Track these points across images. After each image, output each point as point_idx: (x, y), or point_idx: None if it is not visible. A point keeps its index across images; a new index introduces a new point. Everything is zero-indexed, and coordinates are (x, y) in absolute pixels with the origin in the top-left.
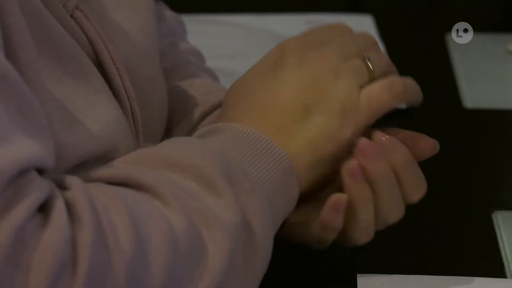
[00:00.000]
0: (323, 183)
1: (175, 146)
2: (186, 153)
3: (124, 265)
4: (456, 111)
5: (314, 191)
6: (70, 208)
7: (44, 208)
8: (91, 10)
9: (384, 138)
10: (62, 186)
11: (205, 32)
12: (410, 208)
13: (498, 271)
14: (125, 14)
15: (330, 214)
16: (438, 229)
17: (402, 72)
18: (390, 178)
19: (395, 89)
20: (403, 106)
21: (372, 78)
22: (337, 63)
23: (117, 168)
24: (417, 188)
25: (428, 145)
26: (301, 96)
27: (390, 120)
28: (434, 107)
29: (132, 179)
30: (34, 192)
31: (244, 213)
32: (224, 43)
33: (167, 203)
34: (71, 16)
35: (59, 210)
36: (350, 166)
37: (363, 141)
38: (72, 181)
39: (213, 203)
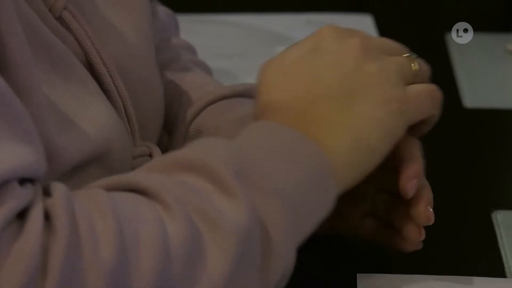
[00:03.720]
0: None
1: (192, 147)
2: (199, 153)
3: (102, 274)
4: (456, 111)
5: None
6: (48, 215)
7: (22, 217)
8: (80, 10)
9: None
10: (46, 193)
11: (205, 32)
12: None
13: (498, 271)
14: (119, 12)
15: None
16: (438, 229)
17: None
18: None
19: (437, 97)
20: None
21: (414, 80)
22: (380, 52)
23: (122, 175)
24: None
25: (426, 214)
26: (342, 82)
27: None
28: None
29: (134, 184)
30: (12, 201)
31: (259, 216)
32: (224, 43)
33: (167, 206)
34: (60, 16)
35: (35, 219)
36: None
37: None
38: (56, 188)
39: (224, 205)
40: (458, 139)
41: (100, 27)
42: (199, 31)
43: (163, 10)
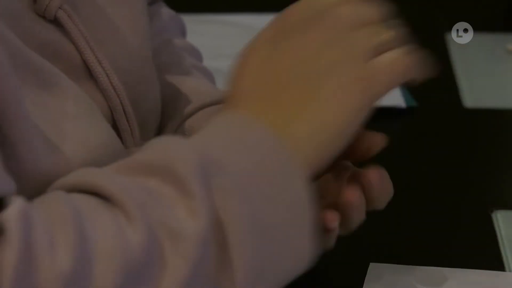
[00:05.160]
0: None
1: (152, 148)
2: (160, 155)
3: (58, 286)
4: (456, 111)
5: None
6: (1, 230)
7: None
8: (76, 9)
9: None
10: (3, 207)
11: (206, 32)
12: (412, 208)
13: (498, 270)
14: (117, 11)
15: (325, 232)
16: (438, 229)
17: None
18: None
19: (406, 62)
20: (402, 105)
21: (384, 49)
22: (347, 28)
23: (87, 175)
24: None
25: (376, 141)
26: (306, 68)
27: (390, 120)
28: (434, 107)
29: (99, 188)
30: None
31: (217, 212)
32: (224, 43)
33: (130, 216)
34: (55, 16)
35: None
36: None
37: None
38: (13, 201)
39: (184, 210)
40: (458, 139)
41: (97, 26)
42: (199, 31)
43: (167, 12)
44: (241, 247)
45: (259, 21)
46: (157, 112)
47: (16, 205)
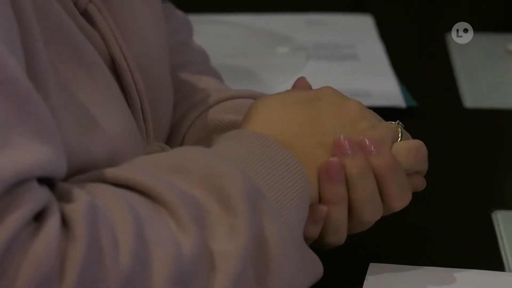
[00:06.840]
0: None
1: (195, 158)
2: (206, 167)
3: (119, 284)
4: (456, 111)
5: None
6: (67, 222)
7: (38, 219)
8: (106, 4)
9: (366, 140)
10: (67, 197)
11: (206, 32)
12: (412, 208)
13: (498, 270)
14: (143, 10)
15: (308, 225)
16: (438, 229)
17: (403, 72)
18: (367, 175)
19: (422, 151)
20: (402, 105)
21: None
22: (374, 117)
23: (144, 176)
24: (398, 196)
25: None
26: (336, 130)
27: (390, 120)
28: (434, 107)
29: (154, 193)
30: (31, 202)
31: (263, 232)
32: (225, 43)
33: (182, 226)
34: (85, 9)
35: (52, 222)
36: (328, 163)
37: (342, 138)
38: (80, 194)
39: (225, 226)
40: (458, 139)
41: (126, 24)
42: (199, 31)
43: (178, 14)
44: (280, 269)
45: (259, 21)
46: (170, 114)
47: (86, 200)
